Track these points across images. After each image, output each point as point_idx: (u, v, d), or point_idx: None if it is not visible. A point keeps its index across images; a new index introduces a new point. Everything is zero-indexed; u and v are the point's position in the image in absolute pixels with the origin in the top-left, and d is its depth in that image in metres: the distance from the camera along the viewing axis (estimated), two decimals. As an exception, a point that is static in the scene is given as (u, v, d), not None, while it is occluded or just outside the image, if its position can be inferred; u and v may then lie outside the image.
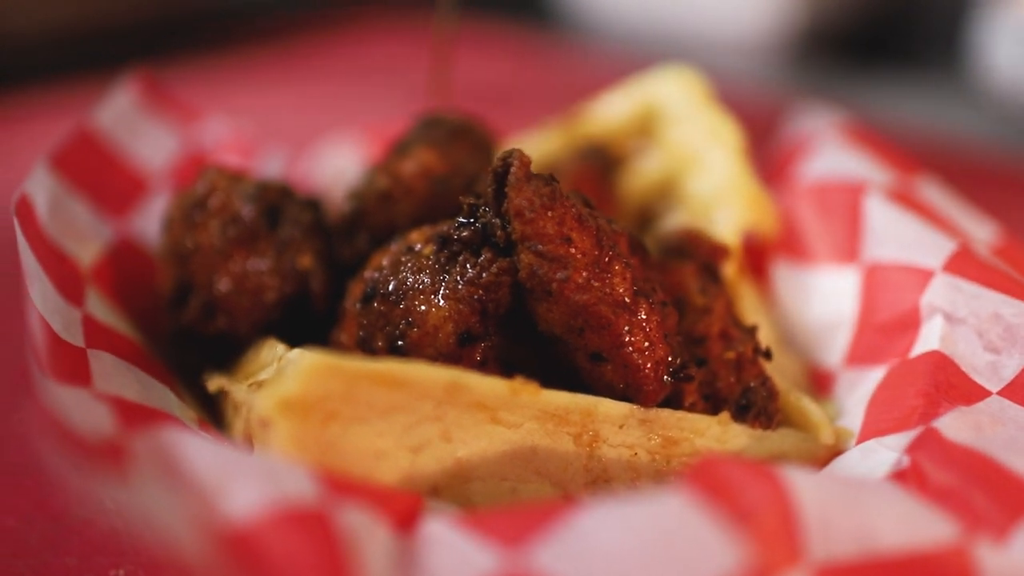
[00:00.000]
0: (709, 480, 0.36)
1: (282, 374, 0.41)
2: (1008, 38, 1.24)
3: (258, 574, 0.32)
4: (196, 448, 0.36)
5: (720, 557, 0.33)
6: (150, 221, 0.62)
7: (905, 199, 0.58)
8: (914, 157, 0.67)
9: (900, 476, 0.43)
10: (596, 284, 0.44)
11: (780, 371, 0.54)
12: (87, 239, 0.56)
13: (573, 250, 0.43)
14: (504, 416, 0.44)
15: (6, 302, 0.71)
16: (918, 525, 0.37)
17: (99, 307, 0.52)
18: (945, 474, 0.41)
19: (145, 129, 0.66)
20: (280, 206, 0.54)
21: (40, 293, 0.44)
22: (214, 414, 0.52)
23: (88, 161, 0.60)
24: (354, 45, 1.48)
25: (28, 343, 0.40)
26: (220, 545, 0.32)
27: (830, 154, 0.64)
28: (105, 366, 0.45)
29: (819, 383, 0.57)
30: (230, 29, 1.47)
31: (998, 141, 1.15)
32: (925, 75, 1.46)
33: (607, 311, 0.44)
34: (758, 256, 0.63)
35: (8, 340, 0.67)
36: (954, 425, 0.43)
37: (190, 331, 0.54)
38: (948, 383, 0.47)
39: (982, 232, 0.59)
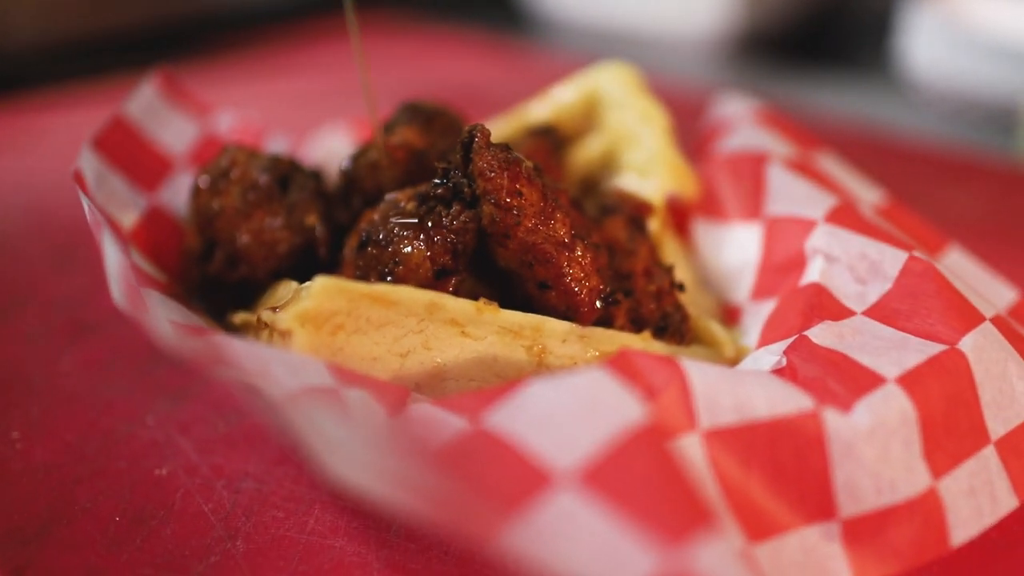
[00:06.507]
0: (623, 365, 0.45)
1: (299, 296, 0.50)
2: (927, 39, 1.34)
3: (295, 428, 0.42)
4: (240, 347, 0.44)
5: (631, 409, 0.40)
6: (175, 194, 0.70)
7: (802, 167, 0.67)
8: (823, 137, 0.76)
9: (778, 372, 0.49)
10: (542, 228, 0.52)
11: (699, 306, 0.63)
12: (126, 208, 0.64)
13: (524, 201, 0.51)
14: (471, 330, 0.51)
15: (47, 270, 0.81)
16: (784, 399, 0.45)
17: (140, 261, 0.61)
18: (810, 367, 0.48)
19: (168, 118, 0.74)
20: (290, 175, 0.62)
21: (106, 240, 0.52)
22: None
23: (123, 144, 0.68)
24: (342, 46, 1.54)
25: (111, 277, 0.49)
26: (268, 404, 0.43)
27: (743, 132, 0.72)
28: (155, 300, 0.53)
29: (731, 316, 0.64)
30: (224, 37, 1.54)
31: (922, 128, 1.25)
32: (856, 72, 1.55)
33: (551, 248, 0.52)
34: (682, 216, 0.70)
35: (51, 300, 0.75)
36: (821, 334, 0.51)
37: (216, 279, 0.61)
38: (821, 305, 0.54)
39: (870, 195, 0.67)
